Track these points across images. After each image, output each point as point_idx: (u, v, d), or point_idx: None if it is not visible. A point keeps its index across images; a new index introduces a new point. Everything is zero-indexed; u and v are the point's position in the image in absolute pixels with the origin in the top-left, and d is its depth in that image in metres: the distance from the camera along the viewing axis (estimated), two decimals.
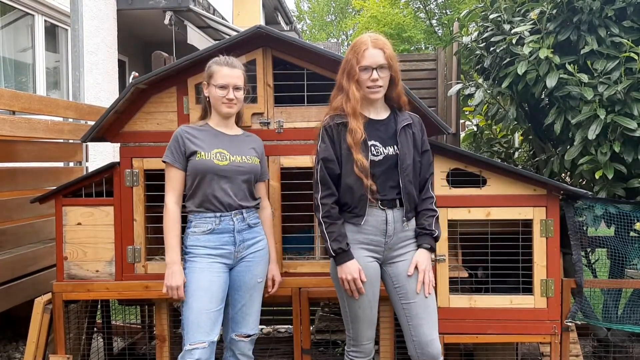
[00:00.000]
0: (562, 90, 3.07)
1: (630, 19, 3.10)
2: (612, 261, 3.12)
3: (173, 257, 2.46)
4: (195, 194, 2.50)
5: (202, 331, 2.40)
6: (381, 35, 2.35)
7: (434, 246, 2.38)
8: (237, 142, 2.58)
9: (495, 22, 3.59)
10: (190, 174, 2.49)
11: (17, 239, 3.68)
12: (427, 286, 2.31)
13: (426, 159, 2.41)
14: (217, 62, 2.53)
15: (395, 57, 2.33)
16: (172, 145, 2.51)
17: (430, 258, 2.36)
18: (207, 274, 2.46)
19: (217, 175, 2.47)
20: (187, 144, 2.49)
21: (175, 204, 2.49)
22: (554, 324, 2.82)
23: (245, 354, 2.60)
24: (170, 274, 2.45)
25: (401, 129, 2.36)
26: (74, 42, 5.32)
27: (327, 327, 3.50)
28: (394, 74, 2.33)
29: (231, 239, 2.51)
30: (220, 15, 10.58)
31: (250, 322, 2.58)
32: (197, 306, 2.41)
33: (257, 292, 2.60)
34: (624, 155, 2.94)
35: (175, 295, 2.45)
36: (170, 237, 2.47)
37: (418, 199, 2.38)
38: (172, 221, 2.47)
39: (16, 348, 3.91)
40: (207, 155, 2.47)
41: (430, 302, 2.33)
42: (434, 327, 2.32)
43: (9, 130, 3.44)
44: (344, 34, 34.58)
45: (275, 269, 2.71)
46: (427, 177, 2.40)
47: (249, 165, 2.56)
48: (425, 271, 2.31)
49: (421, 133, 2.43)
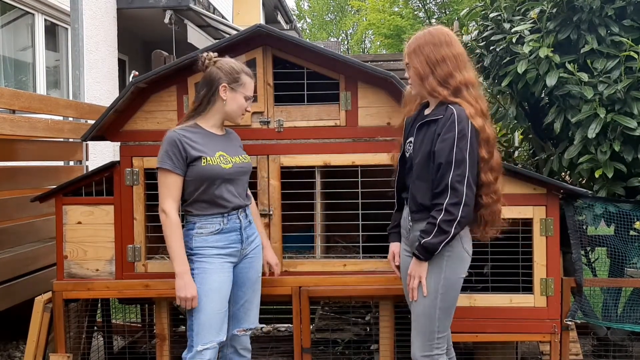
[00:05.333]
0: (562, 89, 3.07)
1: (630, 18, 3.10)
2: (611, 260, 3.12)
3: (183, 268, 2.39)
4: (200, 198, 2.45)
5: (214, 332, 2.41)
6: (415, 35, 2.32)
7: (420, 255, 2.20)
8: (228, 143, 2.57)
9: (495, 21, 3.59)
10: (195, 180, 2.43)
11: (17, 238, 3.68)
12: (411, 292, 2.28)
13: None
14: (247, 72, 2.52)
15: (410, 52, 2.28)
16: (170, 150, 2.41)
17: (418, 264, 2.23)
18: (219, 274, 2.45)
19: (224, 179, 2.46)
20: (188, 150, 2.41)
21: (175, 210, 2.41)
22: (554, 323, 2.82)
23: (246, 348, 2.64)
24: (182, 285, 2.37)
25: (421, 125, 2.28)
26: (74, 41, 5.31)
27: (327, 326, 3.51)
28: (414, 69, 2.27)
29: (238, 237, 2.51)
30: (220, 14, 10.59)
31: (251, 316, 2.62)
32: (209, 307, 2.40)
33: (258, 286, 2.64)
34: (624, 154, 2.94)
35: (189, 306, 2.38)
36: (176, 247, 2.39)
37: (430, 200, 2.21)
38: (176, 230, 2.40)
39: (16, 347, 3.91)
40: (212, 160, 2.43)
41: (415, 308, 2.29)
42: (415, 333, 2.30)
43: (9, 130, 3.43)
44: (343, 33, 34.56)
45: (271, 254, 2.75)
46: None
47: (247, 164, 2.58)
48: (411, 277, 2.26)
49: (445, 130, 2.18)
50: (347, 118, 2.90)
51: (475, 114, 2.18)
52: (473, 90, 2.24)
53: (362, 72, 2.84)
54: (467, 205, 2.13)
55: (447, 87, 2.21)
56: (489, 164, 2.22)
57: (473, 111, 2.18)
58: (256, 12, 14.17)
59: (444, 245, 2.16)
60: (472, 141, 2.15)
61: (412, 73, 2.29)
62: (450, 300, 2.28)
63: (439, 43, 2.23)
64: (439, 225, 2.13)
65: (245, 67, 2.54)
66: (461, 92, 2.21)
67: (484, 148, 2.20)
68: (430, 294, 2.24)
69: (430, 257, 2.20)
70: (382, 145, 2.88)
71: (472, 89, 2.24)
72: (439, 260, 2.22)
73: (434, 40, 2.24)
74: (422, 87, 2.28)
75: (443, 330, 2.29)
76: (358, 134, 2.89)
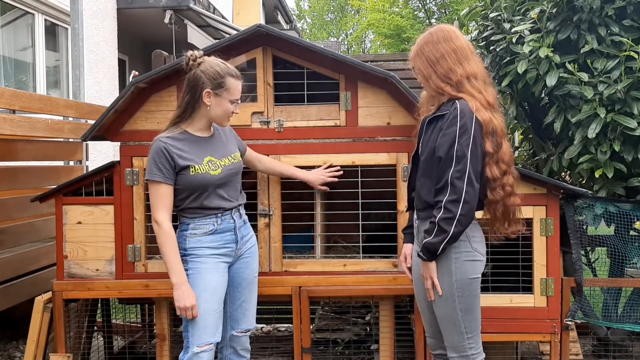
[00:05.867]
0: (562, 89, 3.06)
1: (630, 17, 3.09)
2: (612, 260, 3.12)
3: (180, 278, 2.36)
4: (191, 205, 2.43)
5: (209, 332, 2.40)
6: (421, 36, 2.31)
7: (424, 256, 2.17)
8: (217, 143, 2.51)
9: (496, 21, 3.58)
10: (185, 188, 2.40)
11: (17, 238, 3.68)
12: (427, 293, 2.24)
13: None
14: (233, 74, 2.42)
15: (413, 56, 2.28)
16: (158, 161, 2.36)
17: (426, 265, 2.19)
18: (214, 274, 2.44)
19: (214, 186, 2.44)
20: (176, 159, 2.36)
21: (169, 221, 2.38)
22: (554, 323, 2.82)
23: (246, 348, 2.63)
24: (180, 294, 2.35)
25: (430, 122, 2.25)
26: (74, 41, 5.31)
27: (327, 326, 3.51)
28: (419, 71, 2.27)
29: (233, 237, 2.51)
30: (220, 14, 10.59)
31: (249, 317, 2.61)
32: (204, 307, 2.39)
33: (254, 286, 2.63)
34: (624, 154, 2.94)
35: (189, 316, 2.36)
36: (172, 257, 2.37)
37: (433, 197, 2.18)
38: (171, 240, 2.37)
39: (16, 347, 3.91)
40: (201, 168, 2.39)
41: (437, 311, 2.26)
42: (445, 337, 2.28)
43: (9, 129, 3.44)
44: (344, 33, 34.55)
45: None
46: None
47: (236, 164, 2.53)
48: (424, 278, 2.24)
49: (447, 125, 2.15)
50: (347, 118, 2.90)
51: (480, 107, 2.14)
52: (477, 82, 2.19)
53: (362, 72, 2.84)
54: (467, 203, 2.07)
55: (449, 83, 2.18)
56: (495, 158, 2.16)
57: (477, 104, 2.14)
58: (256, 12, 14.17)
59: (445, 244, 2.11)
60: (475, 136, 2.10)
61: (418, 76, 2.29)
62: (469, 301, 2.21)
63: (437, 40, 2.22)
64: (438, 223, 2.09)
65: (231, 68, 2.44)
66: (464, 86, 2.17)
67: (489, 141, 2.14)
68: (447, 297, 2.19)
69: (434, 258, 2.16)
70: (382, 145, 2.88)
71: (475, 81, 2.19)
72: (447, 262, 2.18)
73: (432, 39, 2.23)
74: (428, 87, 2.27)
75: (471, 330, 2.23)
76: (358, 134, 2.89)
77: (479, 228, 2.26)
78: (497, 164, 2.17)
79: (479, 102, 2.15)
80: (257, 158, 2.80)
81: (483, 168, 2.16)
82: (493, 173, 2.16)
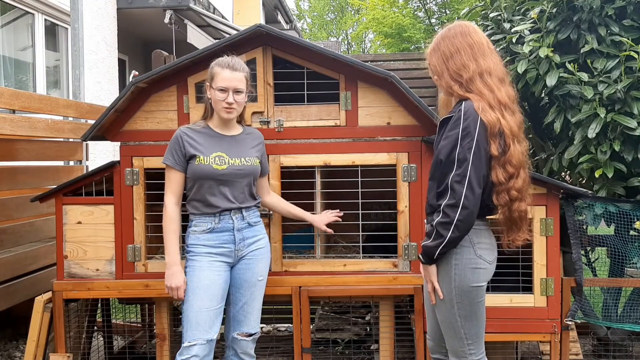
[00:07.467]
0: (562, 89, 3.07)
1: (630, 17, 3.10)
2: (612, 260, 3.12)
3: (173, 258, 2.47)
4: (194, 197, 2.52)
5: (201, 329, 2.42)
6: (439, 31, 2.23)
7: (422, 259, 2.15)
8: (237, 144, 2.56)
9: (496, 21, 3.59)
10: (191, 177, 2.50)
11: (17, 237, 3.68)
12: (429, 296, 2.23)
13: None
14: (220, 63, 2.47)
15: (430, 52, 2.21)
16: (172, 147, 2.50)
17: (425, 268, 2.17)
18: (208, 272, 2.47)
19: (216, 180, 2.47)
20: (187, 147, 2.48)
21: (174, 205, 2.49)
22: (554, 323, 2.82)
23: (247, 353, 2.61)
24: (170, 274, 2.47)
25: (440, 124, 2.17)
26: (74, 41, 5.31)
27: (327, 326, 3.51)
28: (432, 67, 2.20)
29: (231, 237, 2.52)
30: (220, 14, 10.58)
31: (251, 320, 2.60)
32: (196, 304, 2.42)
33: (258, 290, 2.61)
34: (624, 154, 2.94)
35: (175, 296, 2.47)
36: (169, 239, 2.48)
37: (436, 201, 2.12)
38: (171, 222, 2.48)
39: (16, 347, 3.91)
40: (205, 159, 2.46)
41: (438, 315, 2.24)
42: (446, 339, 2.24)
43: (9, 129, 3.44)
44: (344, 33, 34.54)
45: (317, 218, 2.82)
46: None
47: (248, 167, 2.54)
48: (425, 281, 2.22)
49: (449, 127, 2.08)
50: (347, 118, 2.90)
51: (487, 107, 2.04)
52: (490, 79, 2.08)
53: (362, 72, 2.84)
54: (465, 208, 1.99)
55: (459, 81, 2.10)
56: (501, 161, 2.05)
57: (484, 104, 2.04)
58: (256, 12, 14.17)
59: (443, 249, 2.05)
60: (479, 139, 2.01)
61: (433, 75, 2.21)
62: (469, 308, 2.14)
63: (454, 35, 2.13)
64: (436, 227, 2.04)
65: (222, 59, 2.49)
66: (474, 83, 2.07)
67: (495, 143, 2.03)
68: (447, 302, 2.15)
69: (431, 261, 2.11)
70: (382, 145, 2.88)
71: (489, 78, 2.08)
72: (447, 268, 2.12)
73: (449, 34, 2.15)
74: (440, 86, 2.20)
75: (472, 337, 2.18)
76: (358, 134, 2.89)
77: (489, 234, 2.18)
78: (504, 167, 2.06)
79: (487, 102, 2.05)
80: (267, 190, 2.77)
81: (489, 171, 2.07)
82: (498, 177, 2.05)
